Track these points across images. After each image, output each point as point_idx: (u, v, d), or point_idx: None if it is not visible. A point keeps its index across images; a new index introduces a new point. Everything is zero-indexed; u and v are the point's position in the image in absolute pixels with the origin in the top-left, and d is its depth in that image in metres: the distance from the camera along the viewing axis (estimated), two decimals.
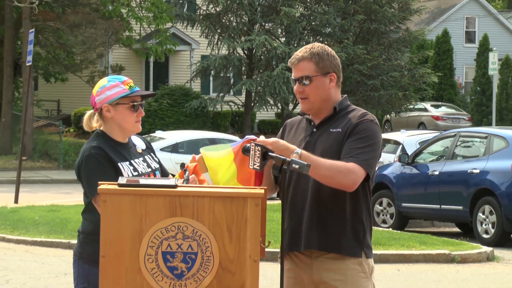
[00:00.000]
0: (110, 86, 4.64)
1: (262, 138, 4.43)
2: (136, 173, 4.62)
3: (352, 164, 4.44)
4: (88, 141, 4.67)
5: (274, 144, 4.34)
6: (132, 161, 4.66)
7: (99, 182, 4.20)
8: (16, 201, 18.99)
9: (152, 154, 4.87)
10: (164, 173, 4.86)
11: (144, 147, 4.84)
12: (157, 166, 4.82)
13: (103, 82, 4.70)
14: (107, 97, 4.63)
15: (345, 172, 4.42)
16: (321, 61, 4.61)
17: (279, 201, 4.60)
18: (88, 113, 4.75)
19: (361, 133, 4.55)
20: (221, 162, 4.59)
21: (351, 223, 4.58)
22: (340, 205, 4.56)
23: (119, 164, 4.57)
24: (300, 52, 4.66)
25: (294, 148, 4.33)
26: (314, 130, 4.67)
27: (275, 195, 4.83)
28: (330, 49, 4.71)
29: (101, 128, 4.71)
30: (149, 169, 4.73)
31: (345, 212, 4.57)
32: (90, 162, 4.55)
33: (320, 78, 4.60)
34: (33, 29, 22.08)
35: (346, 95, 4.79)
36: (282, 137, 4.75)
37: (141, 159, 4.73)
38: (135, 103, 4.66)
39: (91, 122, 4.73)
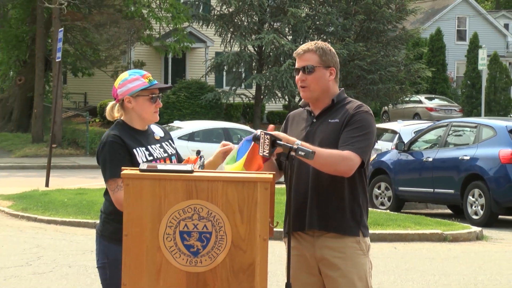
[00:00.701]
0: (131, 79, 4.65)
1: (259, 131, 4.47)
2: (151, 158, 4.62)
3: (348, 152, 4.47)
4: (109, 129, 4.69)
5: (280, 136, 4.37)
6: (148, 146, 4.66)
7: (122, 168, 4.21)
8: (47, 184, 19.03)
9: (169, 141, 4.88)
10: (180, 160, 4.86)
11: (162, 134, 4.84)
12: (174, 152, 4.82)
13: (124, 75, 4.70)
14: (129, 89, 4.63)
15: (341, 160, 4.45)
16: (325, 55, 4.67)
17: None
18: (110, 104, 4.75)
19: (356, 123, 4.58)
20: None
21: (349, 206, 4.61)
22: (339, 189, 4.59)
23: (134, 150, 4.58)
24: (306, 45, 4.72)
25: (294, 140, 4.36)
26: (314, 120, 4.70)
27: (282, 179, 4.83)
28: (331, 47, 4.76)
29: (122, 118, 4.71)
30: (165, 154, 4.73)
31: (344, 195, 4.60)
32: (107, 149, 4.56)
33: (322, 70, 4.65)
34: (62, 28, 22.10)
35: (343, 88, 4.82)
36: (285, 128, 4.80)
37: (158, 145, 4.74)
38: (153, 95, 4.67)
39: (113, 112, 4.73)
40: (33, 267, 10.04)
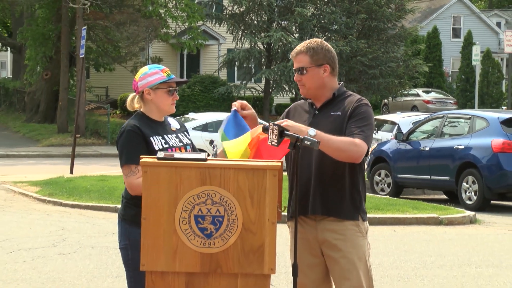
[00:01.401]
0: (151, 73, 4.66)
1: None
2: (167, 145, 4.62)
3: (358, 140, 4.47)
4: (128, 119, 4.70)
5: (289, 125, 4.35)
6: (165, 135, 4.66)
7: (141, 156, 4.22)
8: (71, 172, 19.08)
9: (185, 133, 4.88)
10: (194, 149, 4.86)
11: (178, 126, 4.85)
12: (189, 142, 4.82)
13: (145, 69, 4.71)
14: (148, 82, 4.64)
15: (354, 146, 4.46)
16: (315, 54, 4.64)
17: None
18: (131, 95, 4.76)
19: (360, 115, 4.59)
20: (239, 146, 4.58)
21: (349, 192, 4.62)
22: (340, 177, 4.59)
23: (151, 138, 4.57)
24: (299, 47, 4.71)
25: (308, 128, 4.36)
26: (316, 112, 4.70)
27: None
28: (326, 43, 4.72)
29: (141, 109, 4.72)
30: (181, 144, 4.73)
31: (344, 182, 4.61)
32: (124, 137, 4.57)
33: (314, 69, 4.64)
34: (85, 27, 22.08)
35: (343, 82, 4.80)
36: (287, 118, 4.75)
37: (174, 135, 4.74)
38: (171, 88, 4.67)
39: (133, 103, 4.74)
40: (58, 248, 10.07)
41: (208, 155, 4.35)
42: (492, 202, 15.16)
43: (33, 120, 33.50)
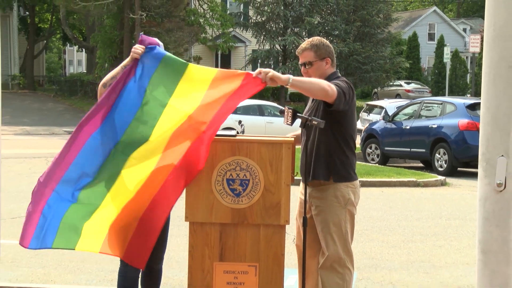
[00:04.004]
0: None
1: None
2: None
3: (331, 83, 4.13)
4: None
5: (270, 72, 3.92)
6: None
7: None
8: None
9: None
10: None
11: None
12: None
13: None
14: None
15: (325, 84, 4.08)
16: (318, 50, 4.41)
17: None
18: None
19: (337, 79, 4.29)
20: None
21: (330, 160, 4.31)
22: (323, 147, 4.30)
23: None
24: (304, 44, 4.47)
25: (288, 76, 4.00)
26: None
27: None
28: (325, 40, 4.49)
29: None
30: None
31: (326, 153, 4.30)
32: None
33: (318, 62, 4.41)
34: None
35: (337, 70, 4.51)
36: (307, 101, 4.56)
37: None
38: None
39: None
40: None
41: (237, 132, 4.34)
42: (458, 169, 15.05)
43: None
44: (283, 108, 4.31)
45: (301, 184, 4.48)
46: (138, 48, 3.97)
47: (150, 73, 3.89)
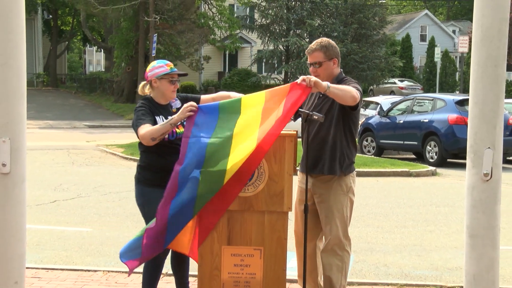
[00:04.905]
0: (157, 66, 4.33)
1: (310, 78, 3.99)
2: None
3: (354, 89, 4.13)
4: (140, 100, 4.40)
5: (313, 78, 3.91)
6: (167, 116, 4.25)
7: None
8: None
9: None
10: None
11: (178, 106, 4.40)
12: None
13: (153, 63, 4.40)
14: (155, 73, 4.31)
15: (354, 91, 4.11)
16: (327, 50, 4.38)
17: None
18: (142, 83, 4.46)
19: (349, 81, 4.34)
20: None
21: (339, 154, 4.35)
22: (331, 142, 4.32)
23: (156, 116, 4.26)
24: (313, 45, 4.43)
25: (327, 83, 3.97)
26: (321, 95, 4.40)
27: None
28: (333, 42, 4.49)
29: (150, 94, 4.39)
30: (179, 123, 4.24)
31: (335, 148, 4.34)
32: (137, 110, 4.26)
33: (327, 63, 4.39)
34: (156, 34, 22.11)
35: (341, 70, 4.51)
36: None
37: (174, 115, 4.19)
38: (173, 79, 4.31)
39: (144, 89, 4.42)
40: None
41: None
42: (448, 160, 15.02)
43: (119, 101, 33.62)
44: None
45: (299, 173, 4.52)
46: (193, 106, 3.98)
47: (213, 124, 3.94)
